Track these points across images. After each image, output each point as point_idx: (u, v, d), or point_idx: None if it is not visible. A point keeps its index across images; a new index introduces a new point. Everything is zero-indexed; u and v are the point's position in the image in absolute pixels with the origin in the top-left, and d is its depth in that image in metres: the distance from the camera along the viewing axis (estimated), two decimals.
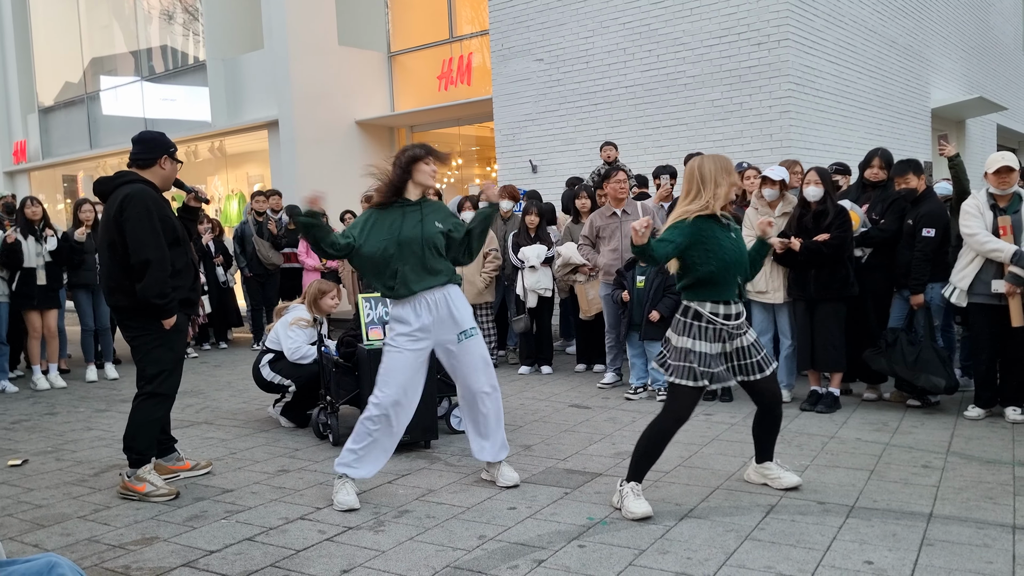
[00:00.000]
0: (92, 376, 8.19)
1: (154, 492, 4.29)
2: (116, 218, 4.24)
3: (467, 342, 4.19)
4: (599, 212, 6.96)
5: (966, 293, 5.38)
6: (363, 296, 5.38)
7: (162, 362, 4.37)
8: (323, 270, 9.55)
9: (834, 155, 9.31)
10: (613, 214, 6.79)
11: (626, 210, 6.77)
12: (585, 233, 6.98)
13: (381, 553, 3.47)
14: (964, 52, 14.88)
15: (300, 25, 13.44)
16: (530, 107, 11.20)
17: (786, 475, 4.12)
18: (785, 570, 3.16)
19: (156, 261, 4.22)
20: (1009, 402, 5.40)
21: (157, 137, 4.55)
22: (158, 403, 4.39)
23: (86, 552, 3.60)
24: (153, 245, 4.22)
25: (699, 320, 3.80)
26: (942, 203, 6.05)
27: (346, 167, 13.68)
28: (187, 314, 4.51)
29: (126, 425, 4.40)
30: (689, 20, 9.77)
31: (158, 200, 4.34)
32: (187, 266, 4.46)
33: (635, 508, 3.75)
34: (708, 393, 6.18)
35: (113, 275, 4.33)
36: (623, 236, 6.63)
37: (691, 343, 3.79)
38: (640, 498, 3.81)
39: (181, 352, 4.52)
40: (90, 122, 18.25)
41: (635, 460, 3.88)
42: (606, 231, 6.79)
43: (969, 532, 3.48)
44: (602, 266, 6.77)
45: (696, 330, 3.80)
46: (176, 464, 4.70)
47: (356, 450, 4.09)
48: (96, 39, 18.55)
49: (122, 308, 4.36)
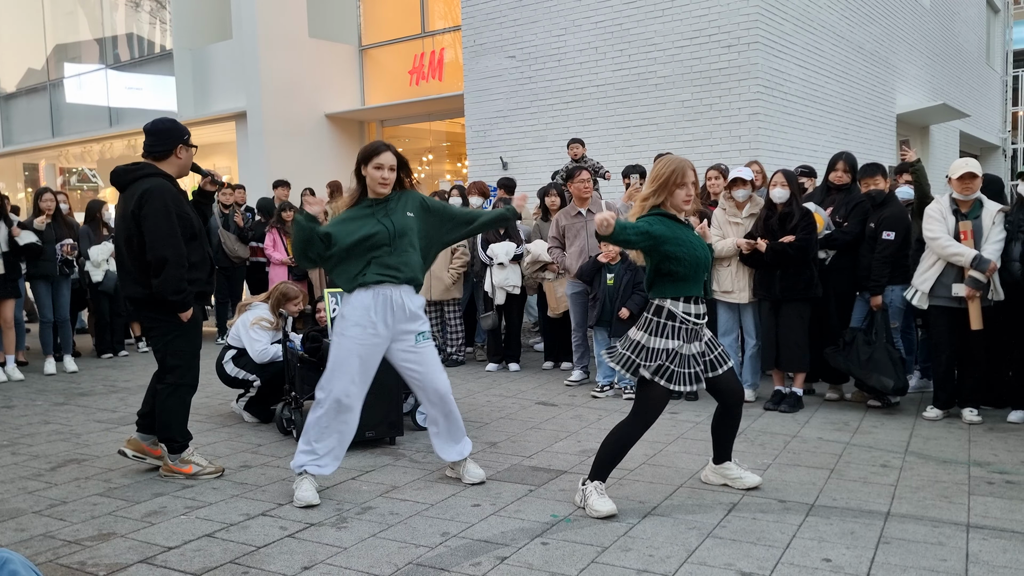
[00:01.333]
0: (51, 369, 8.03)
1: (201, 471, 4.46)
2: (135, 213, 4.23)
3: (426, 343, 4.14)
4: (564, 211, 6.97)
5: (927, 296, 5.47)
6: (329, 291, 5.34)
7: (181, 354, 4.42)
8: (290, 264, 9.45)
9: (801, 157, 9.43)
10: (578, 213, 6.80)
11: (591, 209, 6.79)
12: (553, 234, 6.99)
13: (343, 550, 3.44)
14: (929, 59, 15.14)
15: (270, 16, 13.30)
16: (501, 104, 11.20)
17: (747, 475, 4.15)
18: (745, 567, 3.19)
19: (173, 259, 4.23)
20: (966, 403, 5.50)
21: (171, 127, 4.46)
22: (184, 392, 4.47)
23: (41, 548, 3.53)
24: (171, 243, 4.23)
25: (673, 320, 3.77)
26: (903, 207, 6.15)
27: (315, 161, 13.59)
28: (202, 306, 4.52)
29: (157, 416, 4.46)
30: (661, 21, 9.82)
31: (176, 196, 4.34)
32: (203, 259, 4.47)
33: (600, 507, 3.76)
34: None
35: (129, 268, 4.35)
36: (588, 235, 6.65)
37: (668, 343, 3.75)
38: (604, 496, 3.81)
39: (198, 343, 4.52)
40: (52, 110, 17.90)
41: (599, 461, 3.87)
42: (571, 230, 6.80)
43: (925, 530, 3.54)
44: (568, 266, 6.79)
45: (670, 330, 3.77)
46: (150, 447, 4.65)
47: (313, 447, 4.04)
48: (60, 25, 18.21)
49: (138, 300, 4.39)
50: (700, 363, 3.87)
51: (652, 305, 3.83)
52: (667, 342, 3.76)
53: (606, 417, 5.74)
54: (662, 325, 3.77)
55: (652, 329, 3.78)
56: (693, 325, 3.81)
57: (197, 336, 4.51)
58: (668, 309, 3.77)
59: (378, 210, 4.05)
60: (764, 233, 5.79)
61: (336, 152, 14.38)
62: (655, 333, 3.77)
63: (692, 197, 3.84)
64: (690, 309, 3.79)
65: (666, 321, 3.77)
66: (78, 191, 18.55)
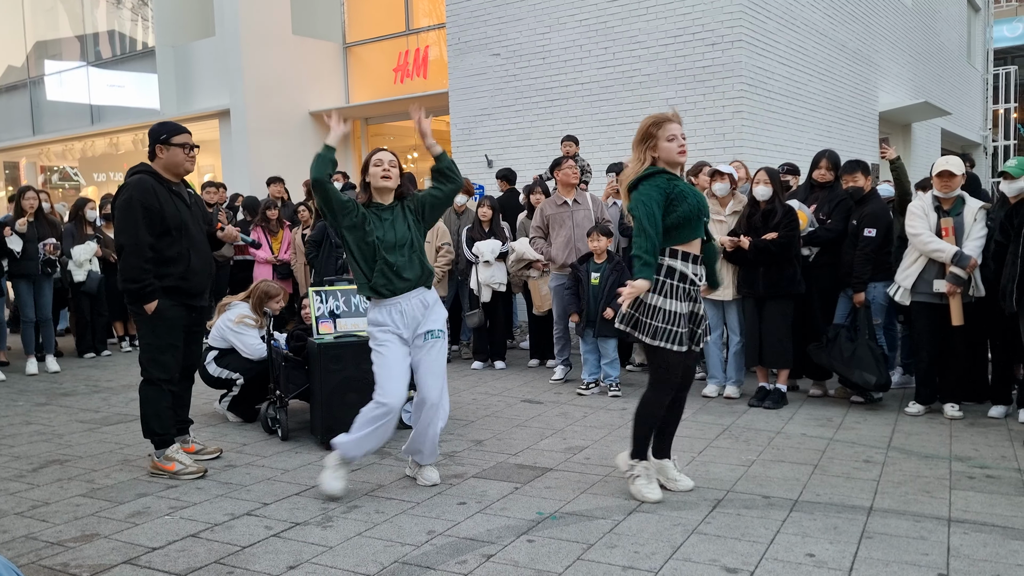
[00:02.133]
0: (32, 369, 7.96)
1: (183, 470, 4.46)
2: (111, 206, 4.49)
3: (432, 341, 4.10)
4: (549, 201, 6.97)
5: (909, 292, 5.52)
6: (313, 289, 5.32)
7: (148, 347, 4.51)
8: (275, 262, 9.41)
9: (785, 155, 9.47)
10: (564, 203, 6.81)
11: (577, 200, 6.80)
12: (537, 224, 6.97)
13: (329, 549, 3.44)
14: (911, 58, 15.25)
15: (253, 13, 13.23)
16: (486, 102, 11.19)
17: (683, 478, 4.11)
18: (729, 563, 3.21)
19: (128, 247, 4.35)
20: (947, 399, 5.55)
21: (154, 129, 4.61)
22: (153, 388, 4.50)
23: (23, 550, 3.50)
24: (128, 232, 4.35)
25: (672, 277, 3.78)
26: (885, 204, 6.20)
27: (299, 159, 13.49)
28: (182, 303, 4.52)
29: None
30: (645, 19, 9.84)
31: (149, 190, 4.40)
32: (180, 255, 4.47)
33: (648, 494, 3.91)
34: None
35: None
36: (575, 225, 6.65)
37: (667, 303, 3.78)
38: (653, 483, 3.96)
39: (169, 339, 4.51)
40: (33, 107, 17.73)
41: (635, 437, 3.99)
42: (556, 220, 6.80)
43: (907, 525, 3.57)
44: (553, 256, 6.79)
45: (669, 288, 3.79)
46: (182, 445, 4.75)
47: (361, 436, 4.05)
48: (40, 22, 18.03)
49: (120, 291, 4.57)
50: (688, 324, 3.85)
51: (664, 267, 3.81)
52: (665, 301, 3.78)
53: (591, 414, 5.75)
54: (660, 284, 3.78)
55: (659, 289, 3.79)
56: (690, 286, 3.82)
57: (167, 331, 4.49)
58: (668, 266, 3.78)
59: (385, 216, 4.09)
60: (747, 231, 5.82)
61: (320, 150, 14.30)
62: (659, 292, 3.78)
63: (684, 148, 3.83)
64: (688, 268, 3.80)
65: (665, 279, 3.78)
66: (59, 189, 18.38)
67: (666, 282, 3.79)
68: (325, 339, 5.07)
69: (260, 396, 5.66)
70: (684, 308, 3.83)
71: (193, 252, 4.54)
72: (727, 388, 6.18)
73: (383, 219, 4.07)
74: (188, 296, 4.55)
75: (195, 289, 4.57)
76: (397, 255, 4.02)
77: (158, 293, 4.39)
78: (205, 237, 4.71)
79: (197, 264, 4.55)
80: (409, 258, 4.05)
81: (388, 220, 4.07)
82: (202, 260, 4.60)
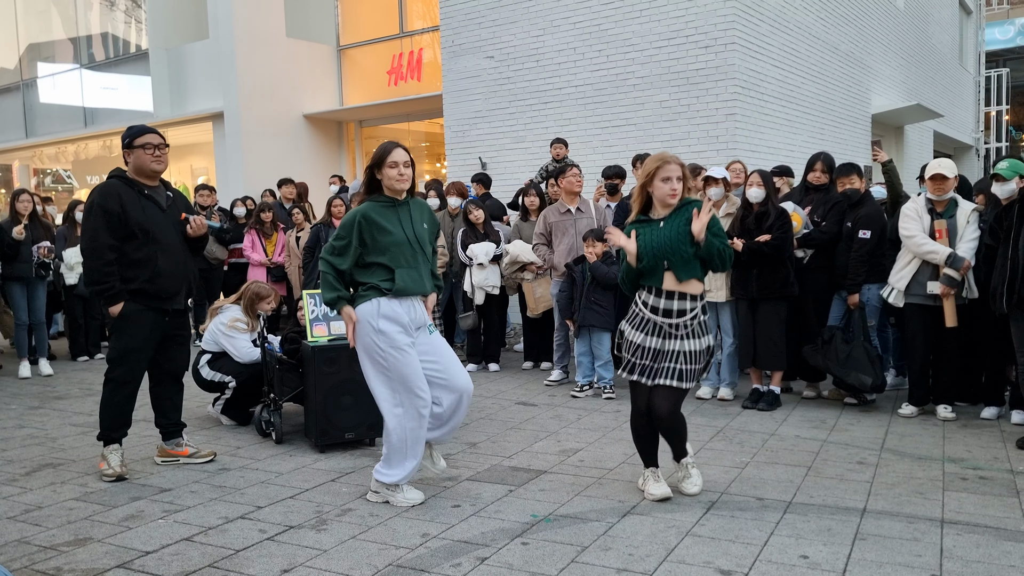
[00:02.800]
0: (25, 372, 7.93)
1: (105, 471, 4.52)
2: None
3: (435, 333, 4.10)
4: (552, 208, 6.98)
5: (903, 294, 5.54)
6: (307, 292, 5.31)
7: (113, 348, 4.56)
8: (269, 265, 9.40)
9: (778, 157, 9.50)
10: (567, 211, 6.82)
11: (580, 207, 6.81)
12: (539, 231, 6.98)
13: (323, 552, 3.43)
14: (903, 60, 15.31)
15: (247, 16, 13.21)
16: (480, 104, 11.19)
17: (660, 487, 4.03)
18: (723, 565, 3.22)
19: (88, 250, 4.45)
20: (940, 400, 5.57)
21: (123, 135, 4.64)
22: (112, 388, 4.54)
23: (15, 554, 3.49)
24: (88, 235, 4.45)
25: (634, 306, 4.00)
26: (879, 206, 6.22)
27: (293, 161, 13.51)
28: (151, 307, 4.49)
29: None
30: (639, 22, 9.86)
31: (112, 194, 4.43)
32: (147, 258, 4.46)
33: (654, 491, 3.98)
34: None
35: None
36: (577, 233, 6.66)
37: (628, 332, 3.98)
38: (661, 481, 4.01)
39: (135, 343, 4.50)
40: (26, 110, 17.69)
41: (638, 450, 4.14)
42: (559, 228, 6.81)
43: (900, 526, 3.58)
44: (556, 264, 6.80)
45: (633, 316, 3.99)
46: (175, 449, 4.82)
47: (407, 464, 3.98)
48: (33, 24, 17.99)
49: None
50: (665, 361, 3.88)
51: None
52: (630, 332, 3.98)
53: (585, 417, 5.76)
54: (631, 313, 4.01)
55: (628, 317, 4.04)
56: (650, 317, 3.91)
57: (133, 335, 4.48)
58: (634, 298, 4.02)
59: (401, 211, 3.96)
60: (740, 233, 5.83)
61: (314, 153, 14.32)
62: (628, 320, 4.02)
63: (676, 192, 3.87)
64: (648, 299, 3.93)
65: (632, 308, 4.01)
66: (53, 192, 18.33)
67: (631, 310, 4.02)
68: (319, 342, 5.06)
69: (254, 399, 5.65)
70: (644, 340, 3.89)
71: (161, 255, 4.48)
72: (721, 390, 6.19)
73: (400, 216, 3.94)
74: (157, 299, 4.50)
75: (164, 292, 4.51)
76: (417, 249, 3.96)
77: (123, 295, 4.41)
78: (180, 240, 4.62)
79: (166, 267, 4.49)
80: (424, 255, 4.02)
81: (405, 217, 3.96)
82: (172, 263, 4.54)
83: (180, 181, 15.40)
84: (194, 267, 4.84)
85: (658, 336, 3.90)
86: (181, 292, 4.63)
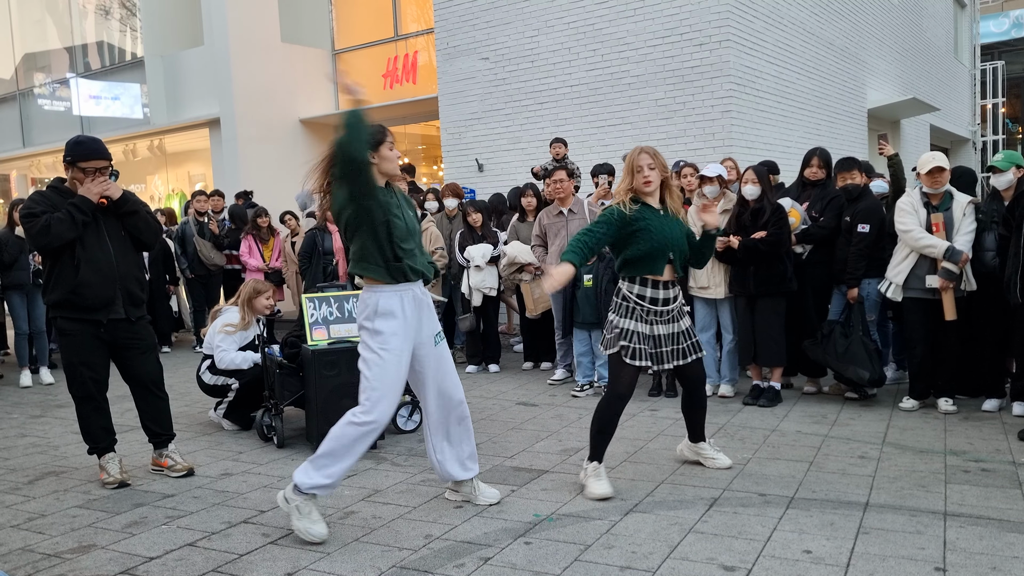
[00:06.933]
0: (26, 381, 7.93)
1: (106, 480, 4.50)
2: None
3: (443, 344, 3.88)
4: (546, 211, 6.99)
5: (901, 288, 5.54)
6: (307, 296, 5.32)
7: (63, 365, 4.57)
8: (266, 270, 9.41)
9: (774, 154, 9.51)
10: (560, 213, 6.82)
11: (572, 209, 6.81)
12: (536, 232, 7.00)
13: (326, 555, 3.44)
14: (898, 54, 15.32)
15: (241, 21, 13.22)
16: (476, 106, 11.20)
17: (720, 456, 4.42)
18: (727, 561, 3.22)
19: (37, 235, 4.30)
20: (941, 393, 5.57)
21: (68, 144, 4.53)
22: (76, 404, 4.57)
23: (19, 562, 3.49)
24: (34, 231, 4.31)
25: (626, 301, 4.05)
26: (878, 200, 6.22)
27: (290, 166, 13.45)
28: (79, 318, 4.36)
29: None
30: (633, 20, 9.87)
31: (41, 203, 4.38)
32: (68, 269, 4.32)
33: (594, 489, 3.98)
34: (653, 388, 6.29)
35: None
36: (569, 235, 6.66)
37: (621, 321, 4.03)
38: (601, 479, 4.02)
39: (76, 357, 4.43)
40: (23, 119, 17.69)
41: (591, 439, 4.09)
42: (552, 229, 6.82)
43: (903, 520, 3.59)
44: (550, 266, 6.79)
45: (623, 309, 4.05)
46: (159, 459, 4.78)
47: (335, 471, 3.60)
48: (28, 34, 18.00)
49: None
50: (665, 345, 4.08)
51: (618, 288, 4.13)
52: (619, 320, 4.04)
53: (586, 416, 5.75)
54: (617, 304, 4.08)
55: (612, 308, 4.11)
56: (647, 307, 4.02)
57: (73, 348, 4.42)
58: (622, 291, 4.06)
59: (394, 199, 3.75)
60: (736, 229, 5.84)
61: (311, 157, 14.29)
62: (613, 311, 4.09)
63: (650, 180, 4.05)
64: (645, 292, 4.03)
65: (620, 301, 4.07)
66: None
67: (622, 304, 4.06)
68: (319, 345, 5.06)
69: (256, 403, 5.65)
70: (644, 328, 4.03)
71: (84, 265, 4.30)
72: (721, 387, 6.19)
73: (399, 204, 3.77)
74: (86, 311, 4.35)
75: (91, 304, 4.33)
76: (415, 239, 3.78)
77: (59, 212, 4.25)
78: (116, 246, 4.43)
79: (89, 277, 4.31)
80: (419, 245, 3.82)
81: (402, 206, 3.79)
82: (97, 273, 4.33)
83: (178, 188, 15.41)
84: (137, 272, 4.58)
85: (659, 323, 4.07)
86: (116, 301, 4.40)
